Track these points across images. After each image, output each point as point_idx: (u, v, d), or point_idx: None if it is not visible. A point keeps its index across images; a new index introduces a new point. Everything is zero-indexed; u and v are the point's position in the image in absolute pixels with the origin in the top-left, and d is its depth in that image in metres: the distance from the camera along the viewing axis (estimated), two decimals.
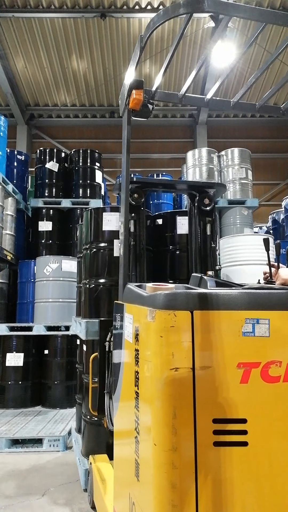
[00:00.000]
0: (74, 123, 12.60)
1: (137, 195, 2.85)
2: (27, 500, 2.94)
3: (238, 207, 6.51)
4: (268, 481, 1.33)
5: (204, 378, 1.35)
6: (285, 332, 1.42)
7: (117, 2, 9.32)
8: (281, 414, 1.37)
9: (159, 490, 1.32)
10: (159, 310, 1.38)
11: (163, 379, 1.35)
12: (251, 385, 1.36)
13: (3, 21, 9.63)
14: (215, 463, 1.32)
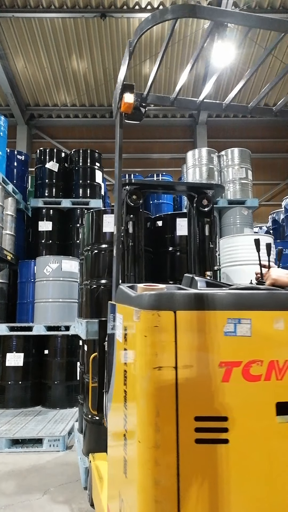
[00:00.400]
0: (74, 123, 12.61)
1: (136, 197, 2.88)
2: (27, 500, 2.94)
3: (238, 207, 6.51)
4: (248, 478, 1.37)
5: (186, 377, 1.38)
6: (266, 332, 1.45)
7: (117, 2, 9.33)
8: (261, 412, 1.40)
9: (142, 487, 1.35)
10: (143, 310, 1.41)
11: (147, 378, 1.38)
12: (232, 383, 1.39)
13: (3, 21, 9.63)
14: (196, 460, 1.36)
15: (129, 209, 2.83)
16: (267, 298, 1.50)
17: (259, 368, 1.41)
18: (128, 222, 2.84)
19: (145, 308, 1.42)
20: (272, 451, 1.39)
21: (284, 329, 1.45)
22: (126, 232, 2.84)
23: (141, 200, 2.90)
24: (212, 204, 2.95)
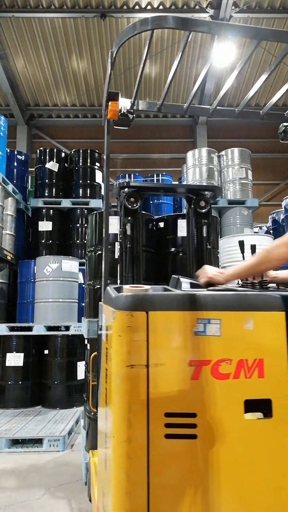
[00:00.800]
0: (74, 123, 12.60)
1: (133, 199, 2.92)
2: (27, 500, 2.94)
3: (238, 207, 6.51)
4: (215, 472, 1.42)
5: (157, 375, 1.44)
6: (236, 332, 1.50)
7: (117, 2, 9.33)
8: (229, 409, 1.46)
9: (116, 479, 1.41)
10: (118, 311, 1.48)
11: (120, 376, 1.45)
12: (201, 381, 1.45)
13: (3, 21, 9.63)
14: (166, 454, 1.42)
15: (127, 212, 2.89)
16: (237, 299, 1.55)
17: (228, 366, 1.47)
18: (126, 224, 2.89)
19: (120, 309, 1.48)
20: (240, 447, 1.45)
21: (254, 329, 1.50)
22: (124, 234, 2.90)
23: (139, 203, 2.93)
24: (209, 205, 2.98)
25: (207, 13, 9.27)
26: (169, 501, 1.40)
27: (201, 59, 10.69)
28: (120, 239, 2.95)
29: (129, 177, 8.18)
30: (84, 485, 3.17)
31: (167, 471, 1.42)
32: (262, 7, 9.46)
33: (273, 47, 10.25)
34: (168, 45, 10.19)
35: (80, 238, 6.58)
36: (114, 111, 2.42)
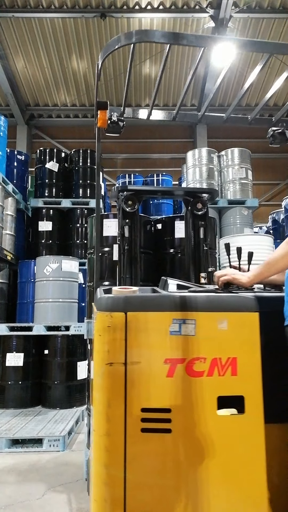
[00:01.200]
0: (74, 123, 12.60)
1: (131, 202, 2.99)
2: (27, 500, 2.94)
3: (238, 207, 6.51)
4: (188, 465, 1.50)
5: (134, 372, 1.53)
6: (210, 332, 1.57)
7: (117, 2, 9.33)
8: (203, 405, 1.53)
9: (96, 470, 1.52)
10: (99, 312, 1.58)
11: (100, 373, 1.54)
12: (176, 379, 1.54)
13: (3, 21, 9.63)
14: (142, 447, 1.50)
15: (125, 214, 2.94)
16: (212, 301, 1.62)
17: (202, 364, 1.54)
18: (124, 226, 2.95)
19: (100, 310, 1.57)
20: (212, 442, 1.51)
21: (228, 329, 1.57)
22: (122, 236, 2.96)
23: (137, 206, 2.98)
24: (206, 207, 3.01)
25: (207, 13, 9.27)
26: (144, 492, 1.47)
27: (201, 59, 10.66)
28: (119, 241, 2.99)
29: (129, 177, 8.17)
30: (84, 484, 3.17)
31: (143, 463, 1.49)
32: (262, 7, 9.46)
33: None
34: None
35: (80, 238, 6.58)
36: (103, 120, 2.53)
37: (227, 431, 1.53)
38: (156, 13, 9.49)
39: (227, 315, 1.59)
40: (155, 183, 8.08)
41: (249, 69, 10.89)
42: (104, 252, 3.59)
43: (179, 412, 1.52)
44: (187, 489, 1.47)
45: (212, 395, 1.54)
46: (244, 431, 1.53)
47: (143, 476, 1.47)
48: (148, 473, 1.48)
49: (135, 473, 1.47)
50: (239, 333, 1.59)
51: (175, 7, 9.49)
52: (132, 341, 1.54)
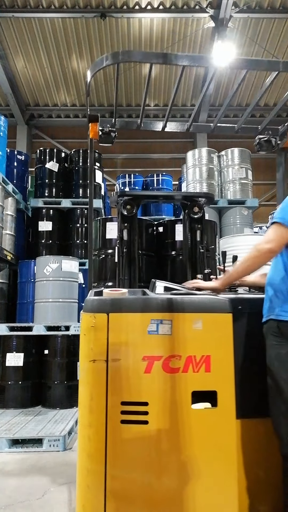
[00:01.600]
0: (74, 123, 12.60)
1: (130, 207, 3.10)
2: (27, 500, 2.93)
3: (238, 207, 6.51)
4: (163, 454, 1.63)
5: (115, 368, 1.65)
6: (186, 331, 1.69)
7: (117, 2, 9.33)
8: (178, 399, 1.65)
9: (80, 458, 1.65)
10: (84, 313, 1.71)
11: (84, 369, 1.67)
12: (153, 374, 1.66)
13: (3, 21, 9.63)
14: (121, 437, 1.62)
15: (123, 218, 3.05)
16: (188, 302, 1.74)
17: (177, 362, 1.66)
18: (123, 230, 3.04)
19: (85, 311, 1.70)
20: (186, 433, 1.62)
21: (203, 329, 1.67)
22: (121, 239, 3.05)
23: (135, 210, 3.08)
24: (203, 211, 3.12)
25: (207, 13, 9.27)
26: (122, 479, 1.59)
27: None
28: (118, 244, 3.09)
29: (129, 177, 8.17)
30: None
31: (122, 452, 1.61)
32: (262, 7, 9.46)
33: (273, 47, 10.25)
34: (168, 45, 10.18)
35: (80, 238, 6.57)
36: (94, 132, 2.72)
37: (201, 423, 1.65)
38: (156, 13, 9.49)
39: (201, 316, 1.71)
40: (155, 183, 8.07)
41: None
42: (108, 254, 3.71)
43: (155, 405, 1.64)
44: (163, 475, 1.60)
45: (187, 390, 1.66)
46: (216, 424, 1.66)
47: (122, 464, 1.61)
48: (126, 460, 1.62)
49: (115, 461, 1.60)
50: (213, 332, 1.71)
51: (175, 7, 9.49)
52: (114, 340, 1.66)
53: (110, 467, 1.58)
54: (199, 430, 1.65)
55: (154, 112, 12.47)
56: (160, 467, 1.61)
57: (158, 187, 8.02)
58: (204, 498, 1.59)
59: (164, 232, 4.03)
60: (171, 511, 1.59)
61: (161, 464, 1.62)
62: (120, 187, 8.15)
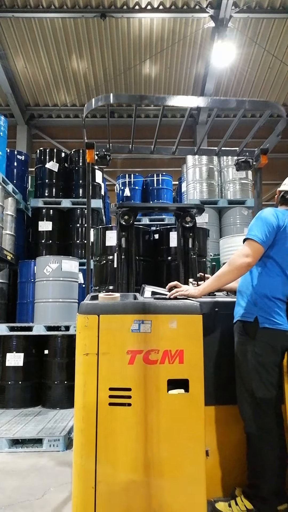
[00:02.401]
0: (74, 123, 12.60)
1: (127, 217, 3.37)
2: (27, 500, 2.94)
3: (238, 207, 6.51)
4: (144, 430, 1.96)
5: (104, 360, 1.98)
6: (163, 330, 2.02)
7: (117, 2, 9.33)
8: (156, 386, 1.98)
9: (75, 435, 1.99)
10: (79, 314, 2.04)
11: (79, 361, 2.00)
12: (135, 365, 1.99)
13: (3, 21, 9.63)
14: (109, 417, 1.96)
15: (122, 227, 3.33)
16: (165, 306, 2.07)
17: (156, 355, 1.99)
18: (121, 238, 3.32)
19: (80, 313, 2.04)
20: (163, 415, 1.97)
21: (177, 328, 2.02)
22: (119, 246, 3.32)
23: (132, 220, 3.35)
24: (194, 220, 3.38)
25: (207, 13, 9.26)
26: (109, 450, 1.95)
27: (201, 59, 10.68)
28: (117, 251, 3.33)
29: (129, 177, 8.17)
30: None
31: (110, 428, 1.95)
32: (262, 7, 9.46)
33: (273, 46, 10.25)
34: (168, 45, 10.18)
35: (80, 238, 6.57)
36: (91, 157, 3.11)
37: (175, 406, 1.99)
38: (156, 13, 9.49)
39: (176, 317, 2.03)
40: (155, 183, 8.07)
41: (249, 69, 10.91)
42: (108, 260, 4.03)
43: (137, 391, 1.97)
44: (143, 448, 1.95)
45: (163, 378, 1.99)
46: (188, 407, 1.99)
47: (109, 437, 1.94)
48: (113, 436, 1.94)
49: (103, 437, 1.94)
50: (186, 331, 2.03)
51: (175, 7, 9.49)
52: (103, 337, 1.99)
53: (99, 441, 1.93)
54: (174, 411, 1.98)
55: (154, 112, 12.47)
56: (140, 441, 1.95)
57: (158, 187, 8.02)
58: (177, 464, 1.96)
59: (160, 239, 4.38)
60: (149, 473, 1.93)
61: (142, 438, 1.95)
62: (120, 187, 8.14)
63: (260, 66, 10.90)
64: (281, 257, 2.13)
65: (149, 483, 1.91)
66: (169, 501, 1.89)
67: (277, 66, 10.82)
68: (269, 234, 2.10)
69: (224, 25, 9.07)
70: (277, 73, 11.15)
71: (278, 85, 11.55)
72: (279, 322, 2.06)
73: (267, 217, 2.15)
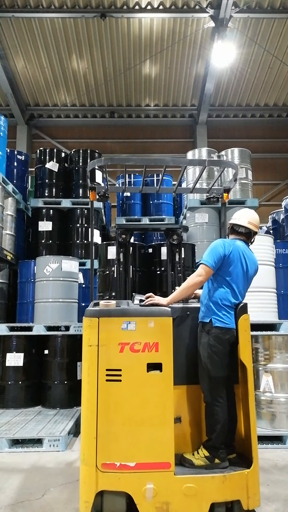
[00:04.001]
0: (74, 123, 12.60)
1: (124, 236, 3.91)
2: (27, 500, 2.94)
3: (238, 207, 6.50)
4: (131, 399, 2.68)
5: (103, 350, 2.71)
6: (144, 328, 2.74)
7: (117, 2, 9.33)
8: (138, 367, 2.71)
9: (83, 402, 2.70)
10: (85, 317, 2.79)
11: (85, 350, 2.74)
12: (124, 353, 2.71)
13: (3, 21, 9.64)
14: (106, 389, 2.67)
15: (120, 244, 3.93)
16: (145, 311, 2.82)
17: (139, 346, 2.73)
18: (119, 253, 3.93)
19: (86, 316, 2.79)
20: (142, 388, 2.70)
21: (154, 327, 2.76)
22: (118, 260, 3.92)
23: (129, 238, 3.93)
24: (180, 238, 4.03)
25: (207, 13, 9.27)
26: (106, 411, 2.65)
27: (201, 59, 10.68)
28: (116, 264, 3.96)
29: (129, 177, 8.17)
30: None
31: (106, 398, 2.66)
32: (262, 7, 9.46)
33: (273, 46, 10.25)
34: (168, 45, 10.18)
35: (80, 238, 6.58)
36: (93, 196, 3.98)
37: (152, 382, 2.72)
38: (156, 13, 9.49)
39: (153, 319, 2.78)
40: (155, 183, 8.07)
41: (249, 69, 10.90)
42: (110, 271, 4.95)
43: (126, 371, 2.70)
44: (128, 410, 2.67)
45: (144, 362, 2.71)
46: (162, 383, 2.72)
47: (106, 406, 2.67)
48: (108, 402, 2.67)
49: (103, 405, 2.66)
50: (160, 329, 2.77)
51: (175, 7, 9.49)
52: (102, 333, 2.73)
53: (99, 406, 2.66)
54: (151, 386, 2.71)
55: (154, 112, 12.48)
56: (127, 406, 2.68)
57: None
58: (153, 422, 2.68)
59: (153, 253, 5.22)
60: (133, 428, 2.66)
61: (128, 404, 2.68)
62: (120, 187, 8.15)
63: (260, 66, 10.90)
64: (229, 276, 2.90)
65: (133, 435, 2.65)
66: (146, 447, 2.64)
67: (277, 66, 10.83)
68: (217, 260, 2.86)
69: (224, 25, 9.07)
70: (277, 73, 11.15)
71: (278, 85, 11.55)
72: (227, 322, 2.84)
73: (216, 247, 2.90)
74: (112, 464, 2.58)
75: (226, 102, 12.23)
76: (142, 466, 2.59)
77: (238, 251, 2.92)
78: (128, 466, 2.59)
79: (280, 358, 4.25)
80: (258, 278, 4.40)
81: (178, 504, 2.55)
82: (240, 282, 2.93)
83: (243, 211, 3.09)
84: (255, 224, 3.03)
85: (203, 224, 6.39)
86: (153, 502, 2.55)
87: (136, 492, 2.55)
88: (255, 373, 4.29)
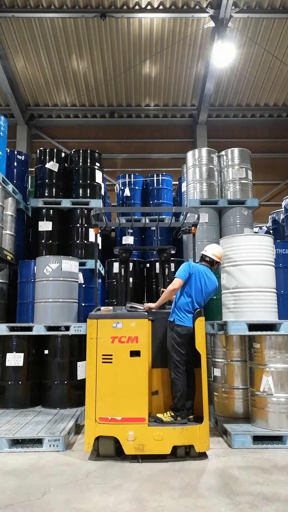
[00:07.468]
0: (74, 123, 12.60)
1: (125, 255, 4.83)
2: (27, 500, 2.94)
3: (238, 207, 6.50)
4: (119, 375, 3.79)
5: (100, 342, 3.83)
6: (128, 326, 3.87)
7: (117, 2, 9.33)
8: (124, 353, 3.79)
9: (87, 376, 3.85)
10: (88, 319, 3.91)
11: (88, 342, 3.87)
12: (114, 344, 3.81)
13: (3, 21, 9.64)
14: (102, 368, 3.79)
15: (121, 262, 4.88)
16: (130, 314, 3.97)
17: (124, 338, 3.81)
18: (121, 269, 4.87)
19: (89, 318, 3.91)
20: (127, 367, 3.78)
21: (135, 325, 3.86)
22: (120, 275, 4.88)
23: (129, 256, 4.88)
24: (169, 256, 4.87)
25: (207, 13, 9.27)
26: (102, 385, 3.75)
27: (201, 59, 10.68)
28: (118, 277, 4.96)
29: (129, 177, 8.16)
30: (85, 484, 3.17)
31: (103, 375, 3.77)
32: (262, 7, 9.46)
33: (273, 46, 10.25)
34: (168, 45, 10.18)
35: (80, 238, 6.57)
36: (96, 232, 4.79)
37: (133, 364, 3.78)
38: (156, 13, 9.49)
39: (135, 320, 3.89)
40: (155, 183, 8.07)
41: (249, 69, 10.90)
42: (114, 282, 6.57)
43: (115, 355, 3.79)
44: (117, 383, 3.76)
45: (128, 350, 3.79)
46: (140, 365, 3.79)
47: (103, 380, 3.77)
48: (104, 378, 3.77)
49: (100, 379, 3.77)
50: (140, 327, 3.86)
51: (175, 7, 9.50)
52: (99, 330, 3.85)
53: (98, 380, 3.78)
54: (133, 366, 3.79)
55: (154, 112, 12.47)
56: (116, 379, 3.78)
57: (158, 187, 8.02)
58: (132, 392, 3.75)
59: (150, 268, 6.99)
60: (119, 394, 3.75)
61: (117, 378, 3.78)
62: (120, 187, 8.14)
63: (260, 66, 10.90)
64: (190, 289, 3.98)
65: (120, 399, 3.74)
66: (129, 407, 3.71)
67: (277, 66, 10.83)
68: (186, 275, 3.98)
69: (224, 25, 9.07)
70: (277, 73, 11.15)
71: (278, 85, 11.55)
72: (185, 322, 3.91)
73: (185, 267, 4.02)
74: (105, 418, 3.70)
75: (226, 102, 12.23)
76: (126, 420, 3.69)
77: (199, 272, 4.05)
78: (116, 420, 3.69)
79: (280, 358, 4.25)
80: (258, 278, 4.44)
81: (150, 445, 3.66)
82: (198, 294, 3.99)
83: (211, 245, 4.31)
84: (218, 256, 4.22)
85: (203, 224, 6.39)
86: (133, 444, 3.64)
87: (121, 437, 3.66)
88: (253, 372, 4.40)
